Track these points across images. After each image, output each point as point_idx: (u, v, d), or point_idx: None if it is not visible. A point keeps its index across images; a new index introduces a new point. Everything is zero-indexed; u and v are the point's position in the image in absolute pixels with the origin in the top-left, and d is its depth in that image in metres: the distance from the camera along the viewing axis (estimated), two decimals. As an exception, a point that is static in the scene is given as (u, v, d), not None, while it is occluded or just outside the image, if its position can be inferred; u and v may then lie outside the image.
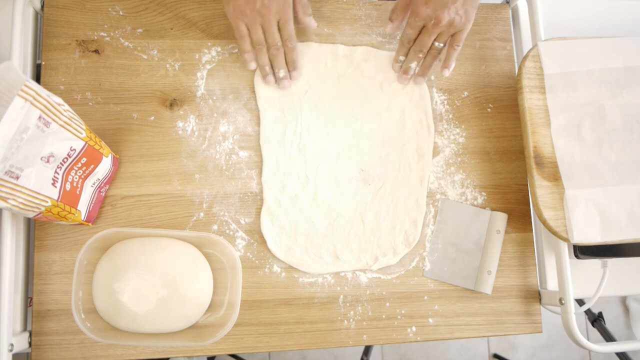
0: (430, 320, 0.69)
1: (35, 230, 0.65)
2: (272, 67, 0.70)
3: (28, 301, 0.65)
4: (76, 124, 0.56)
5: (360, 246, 0.69)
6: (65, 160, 0.56)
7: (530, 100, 0.69)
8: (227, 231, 0.68)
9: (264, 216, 0.68)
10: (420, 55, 0.70)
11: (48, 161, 0.54)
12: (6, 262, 0.59)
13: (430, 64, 0.71)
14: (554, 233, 0.66)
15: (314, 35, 0.75)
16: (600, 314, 1.14)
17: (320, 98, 0.72)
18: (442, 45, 0.69)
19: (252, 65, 0.69)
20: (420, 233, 0.71)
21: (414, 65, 0.71)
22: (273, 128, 0.71)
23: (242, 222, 0.69)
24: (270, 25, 0.66)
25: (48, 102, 0.51)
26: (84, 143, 0.57)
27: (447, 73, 0.71)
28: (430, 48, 0.69)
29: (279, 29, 0.67)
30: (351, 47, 0.75)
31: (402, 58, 0.71)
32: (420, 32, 0.68)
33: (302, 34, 0.75)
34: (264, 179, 0.69)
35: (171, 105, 0.70)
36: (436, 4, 0.64)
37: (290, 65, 0.70)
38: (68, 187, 0.58)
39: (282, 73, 0.69)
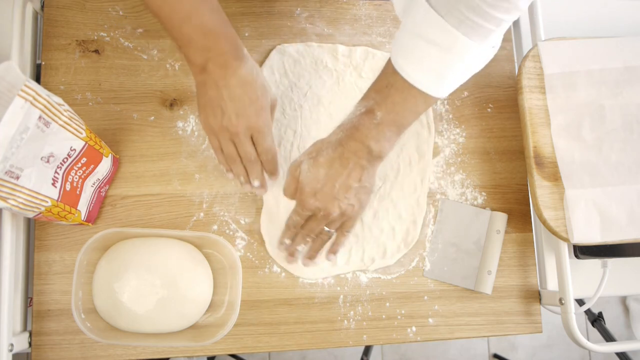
0: (430, 320, 0.69)
1: (35, 230, 0.65)
2: (248, 175, 0.64)
3: (28, 301, 0.65)
4: (76, 124, 0.56)
5: (358, 245, 0.69)
6: (65, 160, 0.56)
7: (530, 100, 0.69)
8: (227, 231, 0.68)
9: (264, 218, 0.68)
10: (308, 240, 0.64)
11: (48, 161, 0.54)
12: (6, 262, 0.59)
13: (318, 247, 0.65)
14: (554, 233, 0.66)
15: (314, 35, 0.75)
16: (600, 314, 1.14)
17: (320, 99, 0.72)
18: (333, 230, 0.63)
19: (229, 176, 0.64)
20: (419, 233, 0.71)
21: (300, 248, 0.65)
22: (273, 129, 0.71)
23: (242, 222, 0.69)
24: (241, 141, 0.60)
25: (48, 102, 0.51)
26: (84, 143, 0.57)
27: (332, 258, 0.65)
28: (319, 232, 0.63)
29: (254, 143, 0.61)
30: (351, 47, 0.75)
31: (287, 241, 0.65)
32: (308, 219, 0.62)
33: (303, 33, 0.75)
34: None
35: (171, 105, 0.70)
36: (325, 197, 0.59)
37: (269, 173, 0.65)
38: (68, 187, 0.58)
39: (256, 183, 0.64)
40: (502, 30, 0.53)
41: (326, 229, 0.62)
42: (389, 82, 0.56)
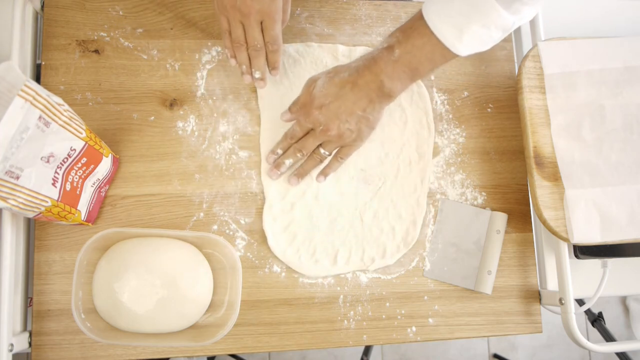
0: (430, 320, 0.69)
1: (35, 230, 0.65)
2: (250, 66, 0.66)
3: (28, 301, 0.65)
4: (76, 124, 0.56)
5: (358, 245, 0.69)
6: (65, 160, 0.56)
7: (530, 100, 0.69)
8: (227, 231, 0.68)
9: (266, 214, 0.68)
10: (299, 155, 0.66)
11: (48, 161, 0.54)
12: (6, 262, 0.59)
13: (309, 168, 0.68)
14: (554, 233, 0.66)
15: (314, 35, 0.75)
16: (600, 314, 1.14)
17: (320, 98, 0.72)
18: (327, 153, 0.66)
19: (232, 62, 0.66)
20: (418, 233, 0.71)
21: (288, 162, 0.67)
22: (274, 128, 0.71)
23: (242, 222, 0.69)
24: (250, 25, 0.62)
25: (48, 102, 0.51)
26: (84, 143, 0.57)
27: (321, 180, 0.69)
28: (313, 152, 0.67)
29: (262, 30, 0.63)
30: (351, 47, 0.75)
31: (279, 151, 0.67)
32: (307, 133, 0.65)
33: (303, 33, 0.75)
34: (266, 176, 0.69)
35: (171, 105, 0.70)
36: (328, 113, 0.62)
37: (271, 66, 0.67)
38: (68, 187, 0.58)
39: (257, 74, 0.66)
40: (530, 3, 0.54)
41: (322, 150, 0.65)
42: (413, 25, 0.59)
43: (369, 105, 0.62)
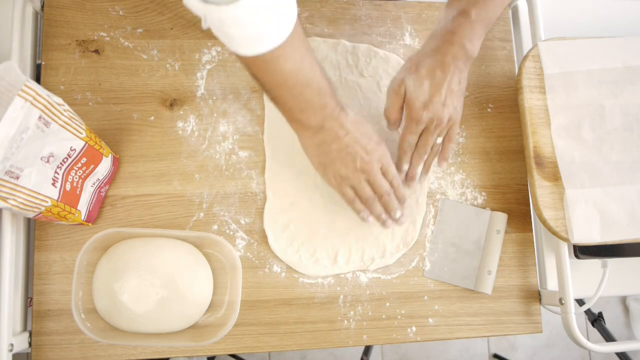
0: (430, 320, 0.69)
1: (35, 230, 0.65)
2: (388, 211, 0.65)
3: (28, 301, 0.65)
4: (76, 124, 0.56)
5: (358, 245, 0.69)
6: (65, 160, 0.56)
7: (530, 100, 0.69)
8: (227, 231, 0.68)
9: (267, 214, 0.68)
10: (425, 157, 0.67)
11: (48, 161, 0.54)
12: (6, 262, 0.59)
13: (432, 161, 0.69)
14: (554, 233, 0.66)
15: (314, 35, 0.75)
16: (600, 314, 1.14)
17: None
18: (441, 139, 0.67)
19: (370, 220, 0.65)
20: (418, 233, 0.71)
21: (419, 169, 0.68)
22: (277, 125, 0.71)
23: (242, 222, 0.69)
24: (375, 176, 0.62)
25: (48, 102, 0.51)
26: (84, 143, 0.57)
27: (445, 165, 0.69)
28: (431, 145, 0.67)
29: (383, 173, 0.63)
30: (355, 44, 0.74)
31: (406, 166, 0.68)
32: (421, 135, 0.65)
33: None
34: (267, 176, 0.69)
35: (171, 105, 0.70)
36: (435, 106, 0.62)
37: (401, 201, 0.66)
38: (68, 187, 0.58)
39: (398, 213, 0.65)
40: None
41: (437, 141, 0.66)
42: None
43: (461, 74, 0.63)
